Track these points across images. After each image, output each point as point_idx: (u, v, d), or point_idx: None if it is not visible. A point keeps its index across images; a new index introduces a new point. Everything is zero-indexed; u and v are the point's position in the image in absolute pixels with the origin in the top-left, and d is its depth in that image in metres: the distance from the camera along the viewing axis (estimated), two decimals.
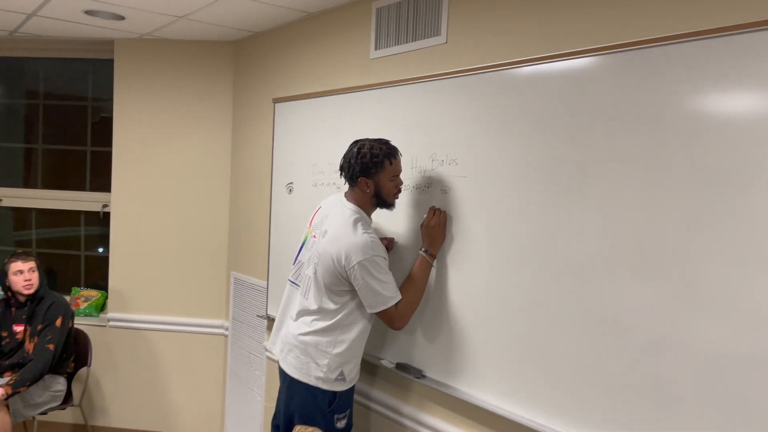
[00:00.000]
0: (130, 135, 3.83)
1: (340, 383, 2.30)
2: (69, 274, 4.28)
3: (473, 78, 2.19)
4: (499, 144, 2.09)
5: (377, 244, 2.21)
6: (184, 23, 3.34)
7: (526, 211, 2.00)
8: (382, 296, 2.19)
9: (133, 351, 3.92)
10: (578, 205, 1.85)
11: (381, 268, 2.19)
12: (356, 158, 2.22)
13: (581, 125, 1.84)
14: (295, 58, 3.20)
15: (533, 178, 1.98)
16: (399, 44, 2.54)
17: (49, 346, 3.19)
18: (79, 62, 4.12)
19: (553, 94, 1.92)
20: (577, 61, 1.86)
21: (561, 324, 1.89)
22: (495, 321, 2.10)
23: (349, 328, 2.28)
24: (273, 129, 3.29)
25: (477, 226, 2.17)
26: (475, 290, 2.17)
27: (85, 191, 4.15)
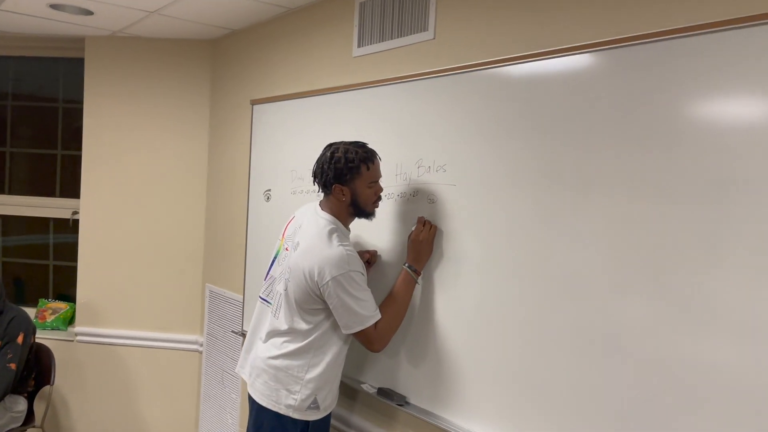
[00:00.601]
0: (101, 138, 3.61)
1: (314, 412, 2.09)
2: (37, 284, 4.04)
3: (463, 76, 1.99)
4: (491, 149, 1.89)
5: (354, 258, 2.02)
6: (157, 19, 3.14)
7: (520, 224, 1.80)
8: (359, 315, 1.99)
9: (102, 368, 3.68)
10: (577, 217, 1.65)
11: (358, 285, 1.99)
12: (329, 163, 2.02)
13: (581, 128, 1.65)
14: (275, 58, 3.00)
15: (529, 187, 1.78)
16: (383, 41, 2.34)
17: (11, 366, 2.96)
18: (50, 62, 3.91)
19: (552, 94, 1.73)
20: (579, 57, 1.67)
21: (558, 346, 1.69)
22: (485, 343, 1.90)
23: (323, 351, 2.08)
24: (251, 132, 3.09)
25: (467, 239, 1.96)
26: (464, 309, 1.97)
27: (55, 197, 3.93)
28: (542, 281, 1.74)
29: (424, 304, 2.10)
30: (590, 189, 1.63)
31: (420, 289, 2.11)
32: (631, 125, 1.54)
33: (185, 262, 3.61)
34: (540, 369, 1.74)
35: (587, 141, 1.64)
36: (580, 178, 1.65)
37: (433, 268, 2.07)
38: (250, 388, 2.17)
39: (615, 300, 1.57)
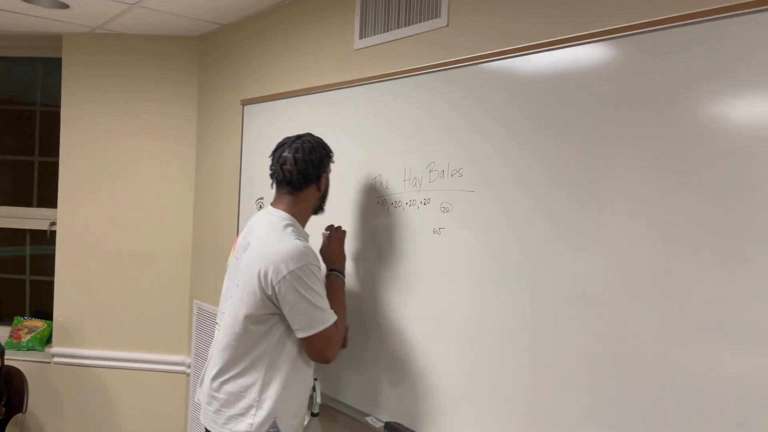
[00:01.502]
0: (80, 143, 3.34)
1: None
2: (13, 301, 3.76)
3: (482, 68, 1.74)
4: (516, 150, 1.64)
5: (312, 253, 1.82)
6: (139, 13, 2.88)
7: (549, 234, 1.54)
8: (321, 312, 1.79)
9: (81, 391, 3.39)
10: (609, 222, 1.40)
11: (317, 279, 1.80)
12: (312, 152, 1.89)
13: (614, 124, 1.40)
14: (268, 54, 2.74)
15: (560, 193, 1.52)
16: (389, 30, 2.09)
17: None
18: (28, 63, 3.64)
19: (589, 84, 1.47)
20: (611, 43, 1.42)
21: (575, 358, 1.43)
22: (502, 367, 1.64)
23: (277, 366, 1.85)
24: (241, 136, 2.83)
25: (484, 253, 1.71)
26: (480, 331, 1.71)
27: (32, 207, 3.65)
28: (566, 295, 1.48)
29: (436, 326, 1.84)
30: (622, 190, 1.38)
31: (428, 313, 1.86)
32: (665, 121, 1.29)
33: (171, 276, 3.34)
34: (557, 383, 1.48)
35: (621, 137, 1.39)
36: (628, 182, 1.40)
37: (446, 285, 1.82)
38: (203, 418, 1.97)
39: (632, 309, 1.32)
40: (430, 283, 1.87)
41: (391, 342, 2.01)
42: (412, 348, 1.94)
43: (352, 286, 2.17)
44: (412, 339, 1.94)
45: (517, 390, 1.63)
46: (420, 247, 1.91)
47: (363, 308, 2.12)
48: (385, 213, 2.03)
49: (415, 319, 1.93)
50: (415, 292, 1.93)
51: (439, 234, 1.85)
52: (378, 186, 2.07)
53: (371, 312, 2.09)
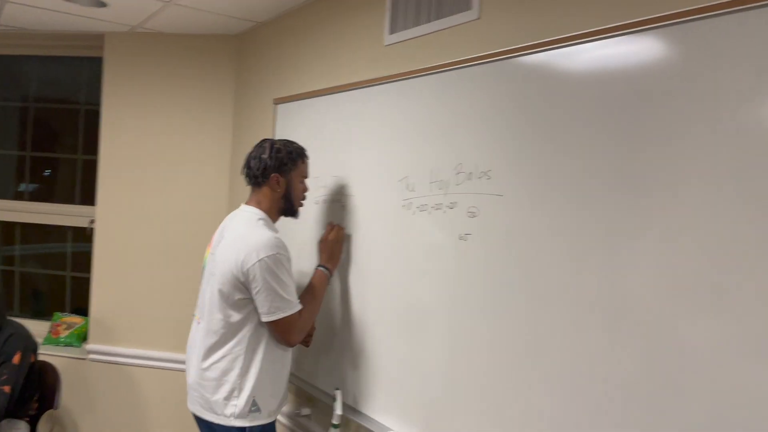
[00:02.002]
0: (119, 141, 3.35)
1: (256, 415, 2.01)
2: (55, 296, 3.81)
3: (515, 62, 1.61)
4: (550, 151, 1.50)
5: (282, 244, 1.97)
6: (175, 11, 2.86)
7: (585, 243, 1.40)
8: (284, 300, 1.94)
9: (114, 389, 3.40)
10: (665, 234, 1.25)
11: (285, 270, 1.95)
12: (270, 153, 2.04)
13: (674, 122, 1.25)
14: (300, 52, 2.68)
15: (596, 200, 1.38)
16: (419, 25, 1.98)
17: (5, 389, 2.69)
18: (73, 63, 3.70)
19: (632, 79, 1.33)
20: (666, 30, 1.27)
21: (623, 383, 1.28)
22: (525, 390, 1.50)
23: (254, 349, 1.99)
24: (273, 135, 2.77)
25: (516, 263, 1.57)
26: (505, 346, 1.57)
27: (74, 204, 3.69)
28: (603, 310, 1.34)
29: (466, 341, 1.72)
30: (667, 197, 1.22)
31: (463, 324, 1.73)
32: (718, 120, 1.14)
33: None
34: (587, 410, 1.33)
35: (667, 138, 1.23)
36: (666, 186, 1.25)
37: (473, 297, 1.69)
38: (191, 405, 2.11)
39: (677, 326, 1.16)
40: (457, 292, 1.75)
41: (415, 349, 1.90)
42: (436, 360, 1.82)
43: (377, 291, 2.06)
44: (435, 350, 1.82)
45: (542, 419, 1.49)
46: (445, 253, 1.79)
47: (387, 312, 2.02)
48: (411, 216, 1.92)
49: (440, 330, 1.81)
50: (440, 301, 1.81)
51: (465, 240, 1.73)
52: (404, 188, 1.96)
53: (395, 317, 1.98)
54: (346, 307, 2.21)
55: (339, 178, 2.29)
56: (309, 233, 2.44)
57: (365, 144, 2.15)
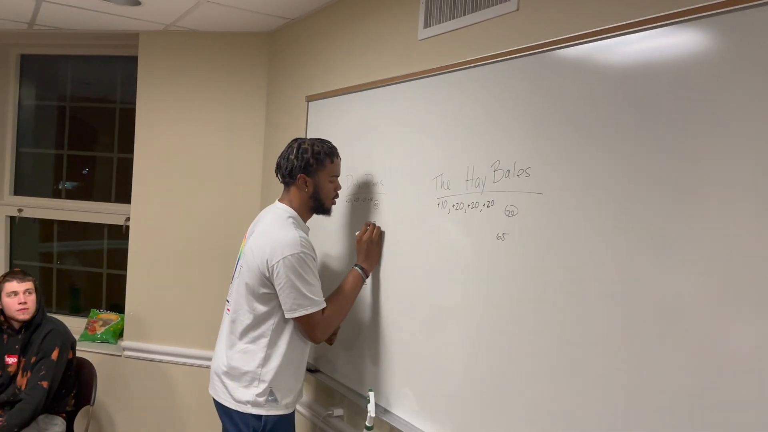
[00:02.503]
0: (154, 139, 3.37)
1: (273, 406, 2.07)
2: (92, 293, 3.86)
3: (555, 55, 1.55)
4: (594, 148, 1.43)
5: (308, 244, 2.02)
6: (208, 9, 2.85)
7: (631, 244, 1.33)
8: (306, 298, 1.99)
9: (149, 386, 3.43)
10: (718, 235, 1.17)
11: (309, 268, 2.00)
12: (297, 154, 2.08)
13: (728, 118, 1.17)
14: (332, 48, 2.64)
15: (647, 198, 1.31)
16: (455, 18, 1.93)
17: (42, 384, 2.72)
18: (108, 62, 3.73)
19: (683, 72, 1.26)
20: (720, 18, 1.20)
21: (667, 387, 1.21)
22: (566, 395, 1.44)
23: (276, 344, 2.06)
24: (305, 133, 2.74)
25: (556, 265, 1.51)
26: (545, 351, 1.51)
27: (110, 202, 3.73)
28: (649, 314, 1.27)
29: (503, 343, 1.66)
30: (720, 196, 1.15)
31: (498, 325, 1.68)
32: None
33: None
34: (634, 420, 1.26)
35: (721, 134, 1.16)
36: (710, 182, 1.17)
37: (512, 297, 1.63)
38: (211, 390, 2.18)
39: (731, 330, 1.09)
40: (493, 293, 1.70)
41: (449, 351, 1.85)
42: (470, 364, 1.76)
43: (410, 290, 2.02)
44: (469, 353, 1.76)
45: (587, 424, 1.42)
46: (483, 254, 1.73)
47: (420, 312, 1.97)
48: (446, 215, 1.87)
49: (475, 331, 1.75)
50: (476, 302, 1.76)
51: (503, 240, 1.67)
52: (439, 186, 1.91)
53: (428, 317, 1.94)
54: (378, 306, 2.18)
55: (371, 176, 2.25)
56: (339, 231, 2.40)
57: (398, 141, 2.11)
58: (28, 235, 3.90)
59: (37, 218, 3.83)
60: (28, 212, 3.80)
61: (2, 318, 2.83)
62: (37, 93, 3.87)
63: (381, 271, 2.17)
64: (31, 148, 3.89)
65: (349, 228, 2.36)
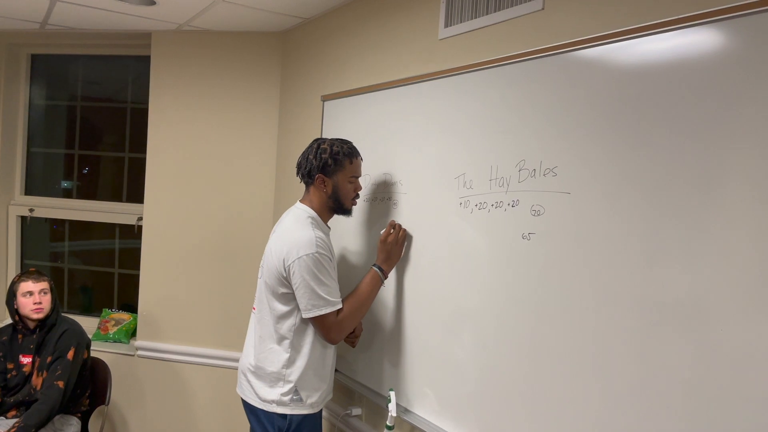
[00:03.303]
0: (166, 140, 3.37)
1: (298, 405, 2.08)
2: (103, 293, 3.86)
3: (582, 54, 1.55)
4: (620, 148, 1.43)
5: (324, 245, 2.02)
6: (222, 8, 2.85)
7: (662, 244, 1.33)
8: (321, 299, 1.99)
9: (163, 385, 3.43)
10: (742, 235, 1.17)
11: (324, 268, 2.00)
12: (316, 154, 2.09)
13: (752, 119, 1.17)
14: (349, 48, 2.64)
15: (674, 198, 1.31)
16: (476, 17, 1.92)
17: (59, 384, 2.72)
18: (119, 61, 3.73)
19: (710, 73, 1.25)
20: (747, 19, 1.20)
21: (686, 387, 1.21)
22: (596, 393, 1.44)
23: (300, 344, 2.07)
24: (321, 132, 2.74)
25: (583, 265, 1.51)
26: (572, 350, 1.51)
27: (121, 202, 3.73)
28: (675, 311, 1.27)
29: (529, 343, 1.66)
30: (744, 196, 1.15)
31: (526, 325, 1.68)
32: None
33: (253, 273, 3.30)
34: (659, 413, 1.26)
35: (744, 136, 1.16)
36: (735, 183, 1.17)
37: (538, 297, 1.63)
38: (239, 389, 2.21)
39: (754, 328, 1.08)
40: (518, 293, 1.70)
41: (471, 351, 1.85)
42: (493, 364, 1.76)
43: (432, 290, 2.02)
44: (492, 353, 1.76)
45: (615, 426, 1.42)
46: (507, 253, 1.73)
47: (441, 312, 1.97)
48: (469, 215, 1.87)
49: (498, 332, 1.75)
50: (500, 302, 1.76)
51: (528, 239, 1.67)
52: (461, 185, 1.91)
53: (451, 317, 1.94)
54: (399, 306, 2.18)
55: (390, 175, 2.25)
56: (356, 230, 2.40)
57: (418, 140, 2.11)
58: (39, 235, 3.90)
59: (47, 218, 3.82)
60: (40, 212, 3.79)
61: (17, 318, 2.83)
62: (48, 93, 3.87)
63: (402, 270, 2.17)
64: (42, 148, 3.89)
65: (367, 227, 2.36)
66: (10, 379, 2.82)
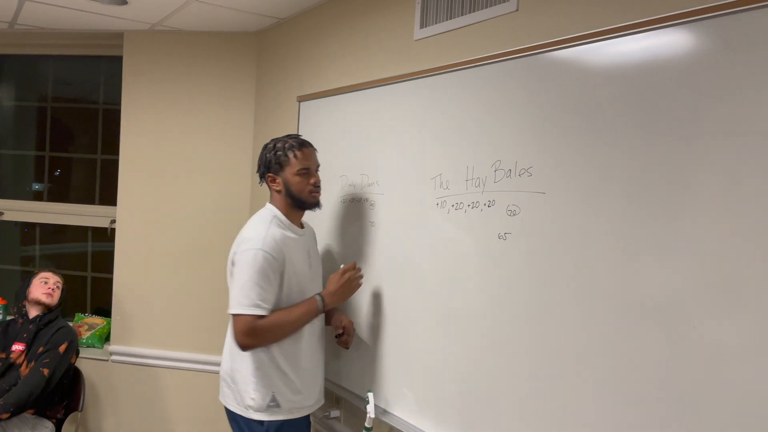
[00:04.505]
0: (140, 140, 3.32)
1: (275, 411, 2.02)
2: (76, 297, 3.79)
3: (556, 55, 1.56)
4: (594, 148, 1.45)
5: (272, 244, 1.95)
6: (196, 7, 2.82)
7: (638, 242, 1.35)
8: (248, 298, 1.90)
9: (138, 390, 3.38)
10: (715, 234, 1.19)
11: (263, 270, 1.91)
12: (262, 155, 2.10)
13: (727, 119, 1.19)
14: (325, 48, 2.63)
15: (647, 197, 1.33)
16: (452, 18, 1.93)
17: (44, 371, 2.71)
18: (91, 62, 3.67)
19: (682, 73, 1.28)
20: (718, 20, 1.22)
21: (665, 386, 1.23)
22: (568, 392, 1.45)
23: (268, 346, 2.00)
24: (297, 133, 2.73)
25: (559, 264, 1.52)
26: (549, 350, 1.53)
27: (94, 205, 3.67)
28: (649, 309, 1.29)
29: (504, 344, 1.67)
30: (719, 196, 1.17)
31: (501, 324, 1.69)
32: None
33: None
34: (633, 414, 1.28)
35: (720, 135, 1.18)
36: (709, 182, 1.20)
37: (513, 296, 1.64)
38: (220, 396, 2.17)
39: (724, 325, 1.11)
40: (495, 292, 1.71)
41: (450, 351, 1.85)
42: (472, 363, 1.77)
43: (409, 291, 2.02)
44: (471, 353, 1.77)
45: (589, 422, 1.44)
46: (483, 253, 1.74)
47: (419, 313, 1.98)
48: (446, 215, 1.88)
49: (476, 331, 1.76)
50: (477, 302, 1.77)
51: (504, 239, 1.68)
52: (437, 186, 1.91)
53: (428, 318, 1.94)
54: (377, 307, 2.17)
55: (366, 176, 2.24)
56: (332, 231, 2.40)
57: (395, 141, 2.11)
58: (9, 239, 3.82)
59: (18, 221, 3.75)
60: (9, 215, 3.72)
61: (24, 302, 2.94)
62: (17, 93, 3.79)
63: (379, 271, 2.17)
64: (12, 150, 3.81)
65: (342, 229, 2.35)
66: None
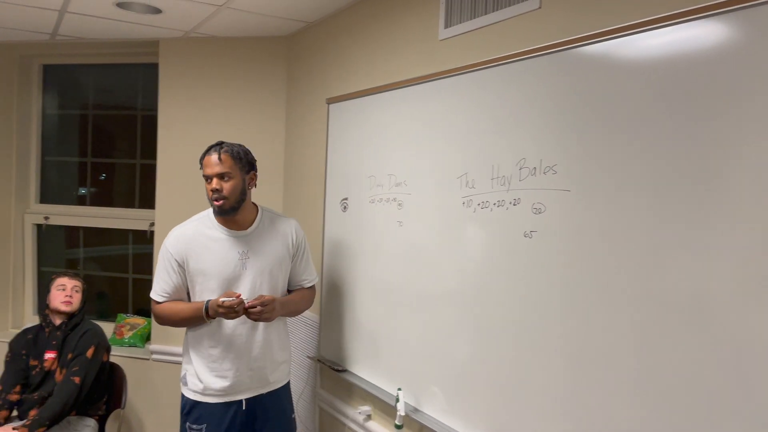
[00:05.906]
0: (176, 144, 3.41)
1: (185, 388, 2.30)
2: (117, 298, 3.92)
3: (580, 52, 1.55)
4: (620, 144, 1.44)
5: (173, 241, 2.24)
6: (228, 14, 2.88)
7: (665, 239, 1.34)
8: (154, 284, 2.27)
9: (177, 388, 3.45)
10: (745, 229, 1.17)
11: (161, 263, 2.25)
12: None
13: (757, 114, 1.17)
14: (352, 50, 2.66)
15: (675, 193, 1.32)
16: (475, 17, 1.93)
17: (75, 379, 2.79)
18: (129, 69, 3.78)
19: (710, 68, 1.26)
20: (747, 12, 1.20)
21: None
22: (596, 389, 1.44)
23: (186, 333, 2.31)
24: (326, 135, 2.76)
25: (586, 261, 1.52)
26: (576, 348, 1.52)
27: (134, 208, 3.78)
28: (678, 307, 1.27)
29: (532, 343, 1.67)
30: (747, 190, 1.15)
31: (528, 323, 1.69)
32: None
33: None
34: (664, 412, 1.26)
35: (747, 130, 1.16)
36: (738, 177, 1.17)
37: (541, 295, 1.64)
38: None
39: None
40: (523, 292, 1.70)
41: (478, 350, 1.86)
42: (500, 362, 1.77)
43: (437, 291, 2.03)
44: (500, 351, 1.77)
45: (617, 422, 1.43)
46: (510, 252, 1.74)
47: (447, 312, 1.99)
48: (471, 214, 1.88)
49: (506, 331, 1.76)
50: (505, 301, 1.77)
51: (530, 238, 1.68)
52: (463, 185, 1.92)
53: (456, 317, 1.95)
54: (405, 307, 2.19)
55: (394, 176, 2.26)
56: (358, 231, 2.42)
57: (421, 141, 2.12)
58: (54, 242, 3.96)
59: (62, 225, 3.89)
60: (54, 220, 3.85)
61: (47, 311, 2.94)
62: (60, 102, 3.93)
63: (408, 270, 2.19)
64: (56, 157, 3.95)
65: (371, 229, 2.37)
66: (33, 376, 2.88)
